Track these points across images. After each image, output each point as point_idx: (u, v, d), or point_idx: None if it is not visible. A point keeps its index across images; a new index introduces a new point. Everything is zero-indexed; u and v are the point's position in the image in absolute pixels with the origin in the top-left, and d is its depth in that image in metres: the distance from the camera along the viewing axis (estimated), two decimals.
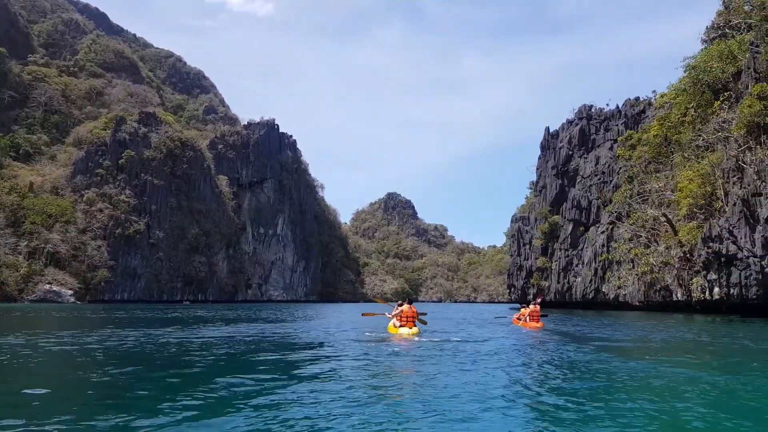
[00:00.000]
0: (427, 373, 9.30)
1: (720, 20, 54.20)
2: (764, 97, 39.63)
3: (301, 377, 8.79)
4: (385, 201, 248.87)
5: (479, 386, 7.99)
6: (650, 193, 57.02)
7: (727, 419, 6.17)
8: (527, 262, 74.62)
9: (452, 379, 8.68)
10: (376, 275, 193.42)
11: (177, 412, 6.10)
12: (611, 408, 6.63)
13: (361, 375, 9.16)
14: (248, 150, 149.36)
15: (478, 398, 7.11)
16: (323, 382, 8.25)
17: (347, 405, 6.52)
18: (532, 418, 6.24)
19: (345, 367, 10.07)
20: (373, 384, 8.27)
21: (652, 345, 15.92)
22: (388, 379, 8.94)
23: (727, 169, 43.17)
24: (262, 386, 7.77)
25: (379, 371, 9.68)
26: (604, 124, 73.93)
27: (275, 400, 6.83)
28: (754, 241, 34.09)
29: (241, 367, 10.35)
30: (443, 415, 6.10)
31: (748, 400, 7.35)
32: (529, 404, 6.94)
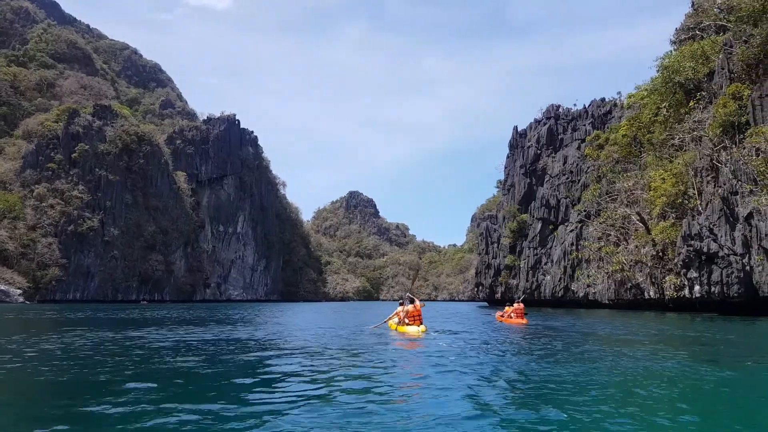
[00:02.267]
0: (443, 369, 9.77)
1: (689, 22, 54.86)
2: (739, 97, 39.94)
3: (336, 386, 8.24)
4: (347, 199, 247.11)
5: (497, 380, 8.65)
6: (619, 192, 57.32)
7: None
8: (495, 261, 74.35)
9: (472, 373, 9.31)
10: (338, 274, 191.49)
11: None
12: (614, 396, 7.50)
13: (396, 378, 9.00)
14: (208, 146, 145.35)
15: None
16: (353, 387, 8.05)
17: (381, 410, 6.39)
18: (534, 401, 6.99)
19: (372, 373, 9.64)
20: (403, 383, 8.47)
21: (651, 339, 16.90)
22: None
23: (700, 168, 43.45)
24: (290, 401, 7.06)
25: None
26: (571, 124, 74.34)
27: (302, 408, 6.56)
28: (734, 239, 34.15)
29: (243, 375, 9.19)
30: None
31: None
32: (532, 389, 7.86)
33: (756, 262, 32.54)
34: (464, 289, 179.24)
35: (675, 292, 45.29)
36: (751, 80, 40.30)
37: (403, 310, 18.48)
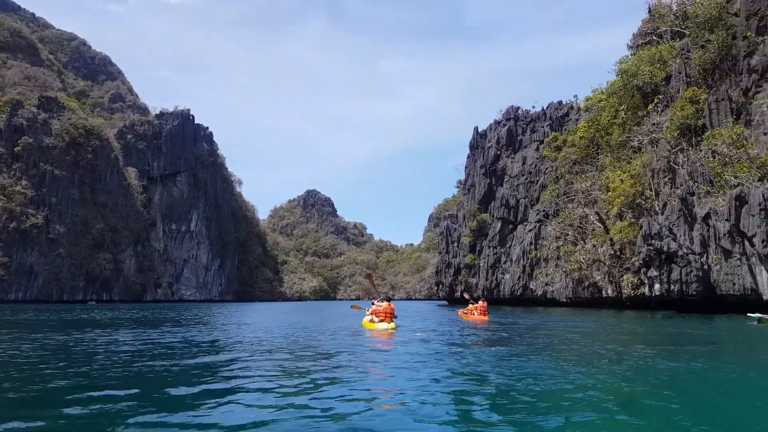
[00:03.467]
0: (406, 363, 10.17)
1: (647, 27, 56.20)
2: (696, 100, 41.03)
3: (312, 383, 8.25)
4: (305, 198, 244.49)
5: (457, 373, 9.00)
6: (577, 192, 58.29)
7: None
8: (455, 260, 74.60)
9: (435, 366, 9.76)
10: (294, 273, 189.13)
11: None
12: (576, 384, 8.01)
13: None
14: (160, 141, 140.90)
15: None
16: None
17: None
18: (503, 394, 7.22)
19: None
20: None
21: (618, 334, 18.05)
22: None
23: (658, 169, 44.47)
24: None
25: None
26: (530, 126, 75.28)
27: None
28: (692, 239, 34.95)
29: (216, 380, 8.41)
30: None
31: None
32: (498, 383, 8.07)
33: (714, 261, 33.36)
34: (421, 288, 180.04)
35: (632, 290, 46.23)
36: (707, 85, 41.48)
37: (377, 308, 19.26)
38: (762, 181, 30.57)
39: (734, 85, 38.12)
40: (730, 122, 36.83)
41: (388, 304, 18.90)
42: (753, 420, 6.30)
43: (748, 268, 31.07)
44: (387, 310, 18.65)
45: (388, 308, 18.69)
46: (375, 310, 19.39)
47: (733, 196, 31.86)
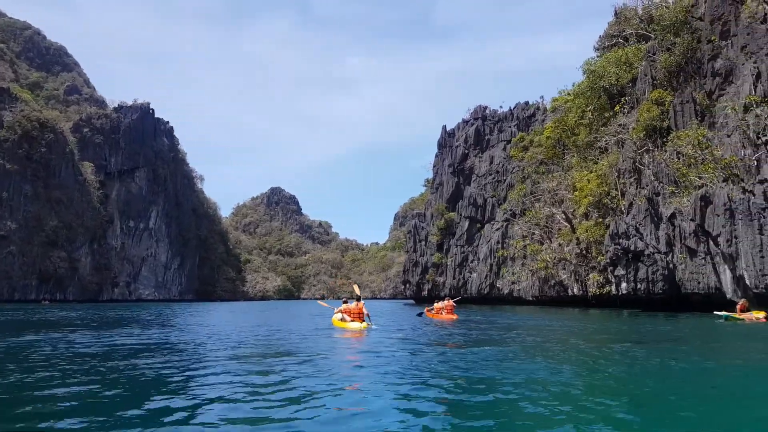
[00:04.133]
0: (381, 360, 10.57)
1: (613, 30, 57.11)
2: (661, 102, 41.78)
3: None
4: (269, 195, 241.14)
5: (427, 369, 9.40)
6: (543, 192, 58.91)
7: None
8: (423, 258, 74.56)
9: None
10: (258, 272, 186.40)
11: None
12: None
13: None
14: (118, 135, 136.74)
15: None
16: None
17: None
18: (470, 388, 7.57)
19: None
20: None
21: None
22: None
23: (624, 170, 45.17)
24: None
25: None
26: (497, 126, 75.82)
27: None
28: (658, 238, 35.49)
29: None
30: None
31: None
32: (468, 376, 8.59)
33: (679, 260, 33.94)
34: (386, 287, 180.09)
35: (598, 289, 46.91)
36: (672, 87, 42.28)
37: (347, 308, 19.43)
38: (727, 182, 31.21)
39: (699, 87, 38.90)
40: (694, 124, 37.54)
41: (357, 304, 19.12)
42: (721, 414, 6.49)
43: (712, 267, 31.69)
44: (356, 310, 18.87)
45: (357, 309, 18.90)
46: (345, 309, 19.47)
47: (699, 196, 32.43)
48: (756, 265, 27.71)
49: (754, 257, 27.81)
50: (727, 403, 7.08)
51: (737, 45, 35.60)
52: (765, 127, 30.87)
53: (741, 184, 29.68)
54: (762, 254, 27.43)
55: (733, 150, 32.05)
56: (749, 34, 34.49)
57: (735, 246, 29.34)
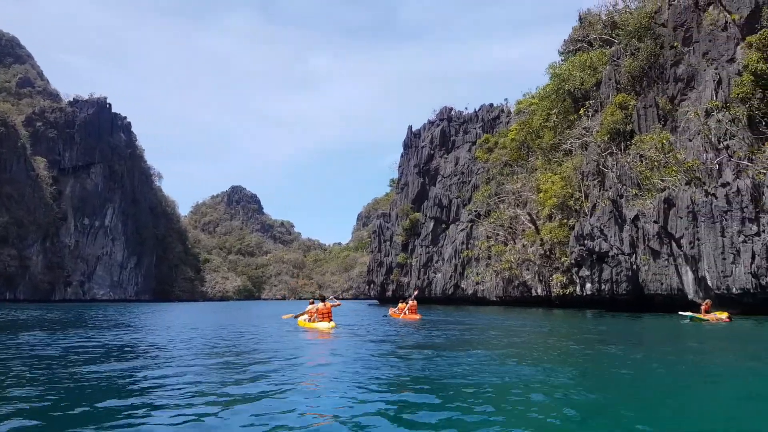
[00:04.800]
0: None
1: (577, 35, 58.03)
2: (625, 106, 42.53)
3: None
4: (229, 194, 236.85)
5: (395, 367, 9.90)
6: (508, 193, 59.42)
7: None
8: (388, 259, 74.30)
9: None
10: (217, 272, 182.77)
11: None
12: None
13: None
14: (73, 130, 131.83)
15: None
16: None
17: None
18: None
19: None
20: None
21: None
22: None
23: (587, 172, 45.84)
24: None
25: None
26: (463, 127, 76.19)
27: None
28: (622, 239, 36.05)
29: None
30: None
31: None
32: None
33: (642, 261, 34.53)
34: (348, 287, 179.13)
35: (561, 289, 47.50)
36: (635, 91, 43.10)
37: (314, 308, 19.72)
38: (689, 185, 31.89)
39: (661, 92, 39.77)
40: (657, 128, 38.33)
41: (324, 305, 19.47)
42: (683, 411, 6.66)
43: (675, 268, 32.33)
44: (324, 310, 19.24)
45: (325, 309, 19.27)
46: (310, 309, 19.95)
47: (662, 198, 33.07)
48: (718, 266, 28.35)
49: (716, 259, 28.46)
50: (694, 401, 7.32)
51: (699, 51, 36.52)
52: (726, 132, 31.68)
53: (704, 187, 30.35)
54: (724, 256, 28.08)
55: (696, 154, 32.80)
56: (711, 41, 35.42)
57: (697, 248, 29.99)
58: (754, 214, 26.86)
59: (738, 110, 30.26)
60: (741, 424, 5.99)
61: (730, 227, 27.78)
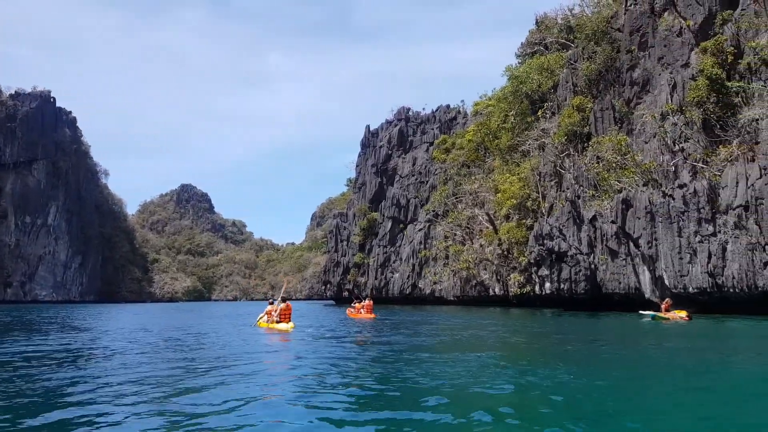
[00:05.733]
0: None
1: (534, 38, 58.85)
2: (582, 109, 43.25)
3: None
4: (179, 193, 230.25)
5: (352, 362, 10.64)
6: (465, 194, 59.74)
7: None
8: (345, 259, 73.59)
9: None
10: (166, 273, 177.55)
11: None
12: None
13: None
14: (14, 124, 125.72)
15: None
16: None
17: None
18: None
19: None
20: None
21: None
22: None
23: (545, 173, 46.44)
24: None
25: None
26: (420, 127, 76.27)
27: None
28: (580, 239, 36.55)
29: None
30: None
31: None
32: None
33: (600, 261, 35.09)
34: (302, 288, 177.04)
35: (519, 288, 47.96)
36: (592, 94, 43.89)
37: (275, 309, 20.06)
38: (647, 186, 32.57)
39: (618, 95, 40.55)
40: (613, 130, 39.08)
41: (286, 305, 19.80)
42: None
43: (632, 268, 32.97)
44: (284, 311, 19.54)
45: (287, 309, 19.60)
46: (269, 310, 20.31)
47: (620, 199, 33.68)
48: (675, 266, 29.00)
49: (673, 258, 29.11)
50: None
51: (654, 56, 37.39)
52: (681, 135, 32.50)
53: (661, 188, 31.01)
54: (680, 256, 28.75)
55: (652, 156, 33.53)
56: (666, 46, 36.30)
57: (655, 248, 30.62)
58: (711, 214, 27.59)
59: (693, 114, 31.06)
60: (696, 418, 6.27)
61: (687, 228, 28.47)
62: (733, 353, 12.95)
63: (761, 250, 24.85)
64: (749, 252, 25.26)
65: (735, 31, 31.87)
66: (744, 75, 30.24)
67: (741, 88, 29.70)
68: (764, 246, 24.81)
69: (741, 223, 25.92)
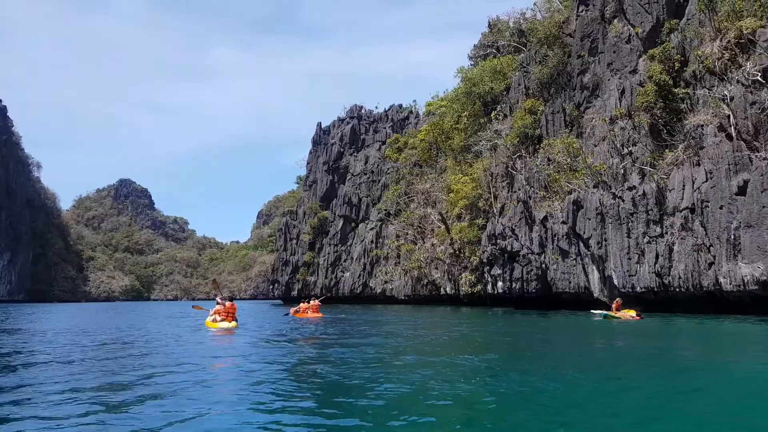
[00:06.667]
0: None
1: (486, 40, 59.68)
2: (534, 111, 44.11)
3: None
4: (117, 188, 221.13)
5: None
6: (417, 193, 59.98)
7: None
8: (294, 257, 72.48)
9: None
10: (103, 271, 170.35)
11: None
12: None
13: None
14: None
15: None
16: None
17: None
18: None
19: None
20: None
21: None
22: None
23: (497, 174, 47.11)
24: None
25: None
26: (373, 126, 76.11)
27: None
28: (532, 239, 37.21)
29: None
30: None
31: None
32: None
33: (551, 260, 35.82)
34: (247, 288, 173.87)
35: (470, 288, 48.48)
36: (543, 98, 44.82)
37: (220, 308, 20.44)
38: (597, 188, 33.45)
39: (568, 99, 41.55)
40: (564, 133, 40.01)
41: (231, 304, 20.30)
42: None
43: (582, 267, 33.79)
44: (228, 310, 19.94)
45: (231, 309, 20.01)
46: (218, 309, 20.44)
47: (571, 200, 34.46)
48: (623, 266, 29.88)
49: (622, 259, 29.99)
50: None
51: (604, 62, 38.49)
52: (629, 139, 33.56)
53: (611, 190, 31.90)
54: (629, 256, 29.65)
55: (602, 158, 34.46)
56: (615, 52, 37.43)
57: (605, 248, 31.48)
58: (659, 216, 28.57)
59: (641, 118, 32.10)
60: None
61: (636, 229, 29.38)
62: (692, 350, 13.51)
63: (706, 251, 25.91)
64: (695, 253, 26.29)
65: (681, 40, 33.17)
66: (690, 82, 31.50)
67: (687, 95, 30.91)
68: (709, 247, 25.89)
69: (687, 225, 26.96)
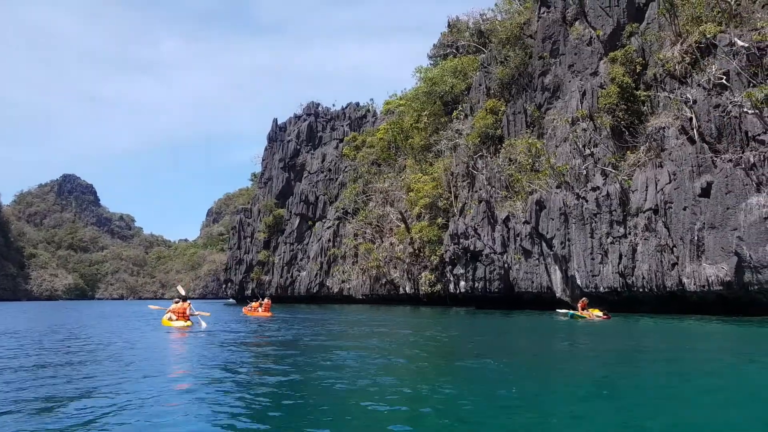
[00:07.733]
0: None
1: (446, 40, 59.52)
2: (495, 111, 44.08)
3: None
4: (60, 183, 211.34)
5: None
6: (376, 192, 59.33)
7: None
8: (248, 256, 70.59)
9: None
10: (45, 269, 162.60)
11: None
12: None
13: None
14: None
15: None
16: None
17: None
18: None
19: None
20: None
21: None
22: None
23: (457, 174, 46.92)
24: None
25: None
26: (330, 123, 74.99)
27: None
28: (494, 239, 37.08)
29: None
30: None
31: None
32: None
33: (514, 260, 35.76)
34: (195, 287, 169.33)
35: (429, 287, 48.17)
36: (505, 98, 44.85)
37: (174, 308, 21.25)
38: (560, 188, 33.54)
39: (530, 100, 41.69)
40: (525, 133, 40.09)
41: (186, 304, 21.12)
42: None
43: (545, 267, 33.85)
44: (182, 309, 20.76)
45: (183, 308, 20.80)
46: (173, 309, 21.19)
47: (534, 200, 34.48)
48: (587, 266, 30.01)
49: (585, 259, 30.11)
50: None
51: (565, 63, 38.76)
52: (591, 140, 33.80)
53: (574, 190, 32.01)
54: (592, 256, 29.79)
55: (565, 159, 34.61)
56: (576, 54, 37.70)
57: (568, 248, 31.56)
58: (622, 217, 28.78)
59: (604, 120, 32.34)
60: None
61: (599, 229, 29.54)
62: (662, 349, 13.63)
63: (669, 251, 26.20)
64: (658, 253, 26.57)
65: (641, 43, 33.63)
66: (650, 85, 31.93)
67: (648, 98, 31.31)
68: (672, 248, 26.18)
69: (651, 226, 27.23)
